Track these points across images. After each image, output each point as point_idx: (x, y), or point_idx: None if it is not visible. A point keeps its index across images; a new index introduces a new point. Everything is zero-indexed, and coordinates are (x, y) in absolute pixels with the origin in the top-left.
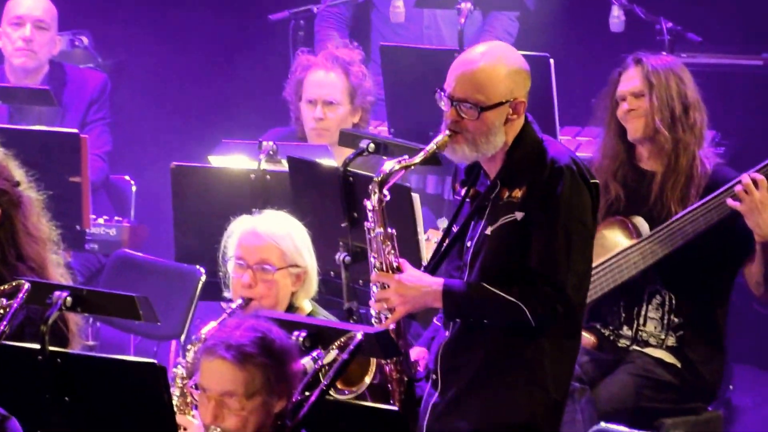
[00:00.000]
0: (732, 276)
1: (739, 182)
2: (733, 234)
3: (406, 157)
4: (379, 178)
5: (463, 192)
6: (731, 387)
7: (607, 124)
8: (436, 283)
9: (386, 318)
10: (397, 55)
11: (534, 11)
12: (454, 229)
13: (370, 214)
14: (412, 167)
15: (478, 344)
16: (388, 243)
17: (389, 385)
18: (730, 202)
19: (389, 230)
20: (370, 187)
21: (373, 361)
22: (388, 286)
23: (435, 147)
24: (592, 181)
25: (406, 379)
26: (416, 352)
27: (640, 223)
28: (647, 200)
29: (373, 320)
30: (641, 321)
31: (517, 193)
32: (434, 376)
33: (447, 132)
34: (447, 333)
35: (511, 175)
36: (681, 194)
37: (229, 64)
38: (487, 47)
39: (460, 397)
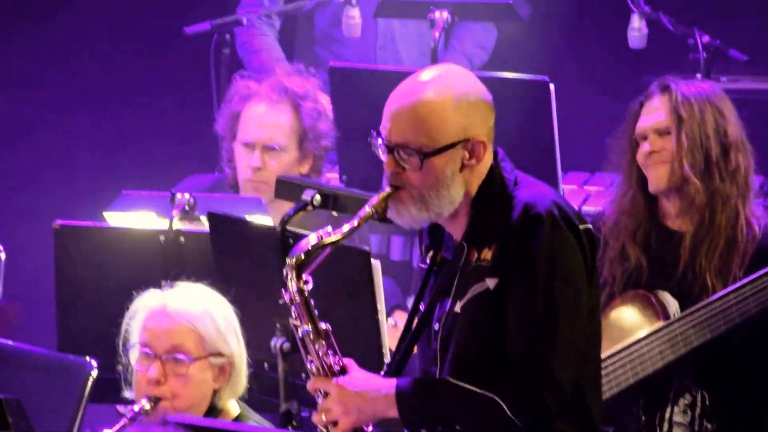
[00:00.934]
0: None
1: None
2: None
3: (330, 229)
4: (294, 260)
5: (428, 259)
6: None
7: (625, 170)
8: (387, 385)
9: None
10: (352, 80)
11: (529, 22)
12: (422, 308)
13: (291, 309)
14: (338, 243)
15: None
16: (322, 342)
17: None
18: None
19: (322, 326)
20: (285, 272)
21: None
22: (328, 394)
23: (370, 212)
24: (582, 226)
25: None
26: None
27: (667, 299)
28: (675, 270)
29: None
30: (665, 427)
31: (486, 254)
32: None
33: (387, 189)
34: None
35: (477, 232)
36: (720, 262)
37: (133, 89)
38: (431, 74)
39: None
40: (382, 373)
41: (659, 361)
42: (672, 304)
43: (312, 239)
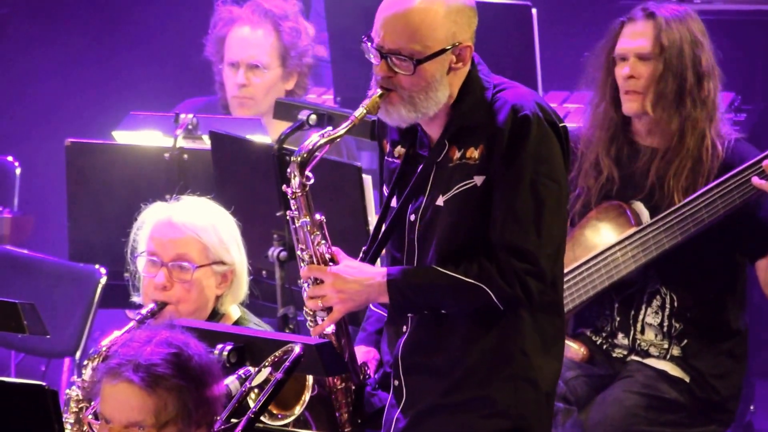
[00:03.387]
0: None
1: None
2: (754, 224)
3: (330, 128)
4: (299, 158)
5: (396, 153)
6: (752, 408)
7: (599, 85)
8: (379, 273)
9: (323, 319)
10: (346, 5)
11: None
12: (394, 203)
13: (291, 202)
14: (338, 139)
15: (446, 339)
16: (317, 232)
17: (333, 398)
18: (755, 180)
19: (317, 217)
20: (289, 169)
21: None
22: (322, 281)
23: (364, 111)
24: (560, 124)
25: (353, 387)
26: (362, 353)
27: (640, 209)
28: (644, 184)
29: (307, 323)
30: (639, 327)
31: (473, 153)
32: (396, 382)
33: (378, 90)
34: (405, 329)
35: (460, 131)
36: (687, 182)
37: (137, 16)
38: None
39: (433, 404)
40: (358, 260)
41: (632, 264)
42: (644, 213)
43: (314, 138)
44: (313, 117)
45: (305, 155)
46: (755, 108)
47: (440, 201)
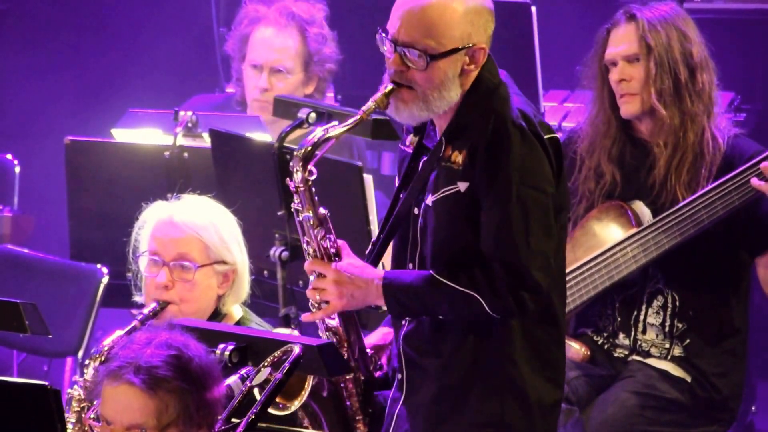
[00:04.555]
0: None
1: (766, 158)
2: (755, 220)
3: (335, 123)
4: (302, 152)
5: (409, 142)
6: (753, 408)
7: (596, 93)
8: (377, 276)
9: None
10: (348, 3)
11: None
12: (403, 196)
13: (294, 196)
14: (342, 135)
15: (438, 345)
16: (320, 227)
17: (343, 386)
18: (754, 182)
19: (320, 211)
20: (292, 164)
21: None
22: (324, 275)
23: (373, 106)
24: (547, 136)
25: (363, 378)
26: (381, 335)
27: (641, 209)
28: (647, 183)
29: (310, 305)
30: (640, 327)
31: (457, 157)
32: (399, 376)
33: (389, 85)
34: (404, 322)
35: (456, 130)
36: (689, 177)
37: (136, 13)
38: None
39: (427, 404)
40: (366, 252)
41: (633, 264)
42: (645, 213)
43: (318, 132)
44: (313, 115)
45: (308, 149)
46: (755, 108)
47: (429, 200)
